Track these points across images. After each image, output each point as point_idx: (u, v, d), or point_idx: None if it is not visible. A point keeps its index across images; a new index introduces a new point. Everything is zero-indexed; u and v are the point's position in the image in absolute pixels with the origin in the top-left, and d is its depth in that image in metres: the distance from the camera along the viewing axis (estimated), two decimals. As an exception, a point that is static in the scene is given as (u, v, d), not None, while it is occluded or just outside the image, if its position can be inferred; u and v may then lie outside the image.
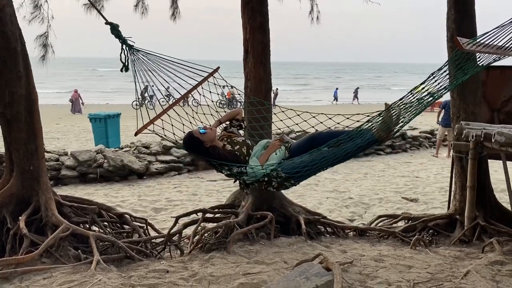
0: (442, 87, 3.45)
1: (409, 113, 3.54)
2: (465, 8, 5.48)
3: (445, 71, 3.42)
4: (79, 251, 4.46)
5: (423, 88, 3.48)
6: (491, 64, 3.77)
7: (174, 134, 4.06)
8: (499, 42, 3.39)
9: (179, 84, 4.27)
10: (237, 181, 4.00)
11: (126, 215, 5.58)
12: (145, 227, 5.60)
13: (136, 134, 4.05)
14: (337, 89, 41.35)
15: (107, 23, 4.24)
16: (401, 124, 3.58)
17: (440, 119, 12.53)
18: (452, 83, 3.70)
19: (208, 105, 4.25)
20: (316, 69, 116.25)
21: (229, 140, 3.97)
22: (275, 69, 6.34)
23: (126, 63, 4.23)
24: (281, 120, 4.26)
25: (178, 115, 4.10)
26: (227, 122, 4.19)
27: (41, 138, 4.94)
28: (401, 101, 3.57)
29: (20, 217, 4.56)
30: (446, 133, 12.47)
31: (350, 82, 63.55)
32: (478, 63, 3.69)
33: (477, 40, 3.39)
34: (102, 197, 8.12)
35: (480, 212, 5.41)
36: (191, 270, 4.12)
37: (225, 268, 4.19)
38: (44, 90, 33.86)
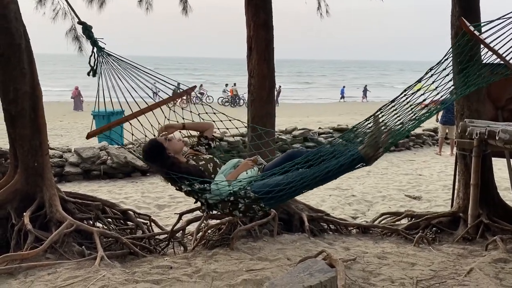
0: (442, 98, 3.26)
1: (401, 128, 3.20)
2: (469, 5, 5.45)
3: (444, 69, 3.23)
4: (83, 247, 4.48)
5: (419, 89, 3.21)
6: (495, 62, 3.73)
7: (132, 143, 3.85)
8: (503, 44, 3.33)
9: (147, 94, 3.85)
10: (198, 202, 3.59)
11: (130, 212, 5.61)
12: (148, 223, 5.63)
13: (88, 137, 3.77)
14: (344, 87, 41.44)
15: (79, 22, 4.04)
16: (391, 139, 3.23)
17: (439, 117, 12.55)
18: (456, 95, 3.55)
19: (198, 113, 3.98)
20: (320, 67, 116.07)
21: (194, 157, 3.63)
22: (278, 67, 6.32)
23: (95, 67, 3.94)
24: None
25: (142, 125, 3.81)
26: (195, 140, 3.84)
27: (45, 134, 4.96)
28: (392, 105, 3.21)
29: (24, 213, 4.58)
30: (447, 130, 12.47)
31: (355, 80, 63.36)
32: (480, 72, 3.53)
33: (482, 31, 3.33)
34: (105, 193, 8.15)
35: (483, 210, 5.40)
36: (195, 266, 4.13)
37: (229, 264, 4.20)
38: (48, 88, 33.91)
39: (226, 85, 33.66)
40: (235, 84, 33.10)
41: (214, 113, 4.03)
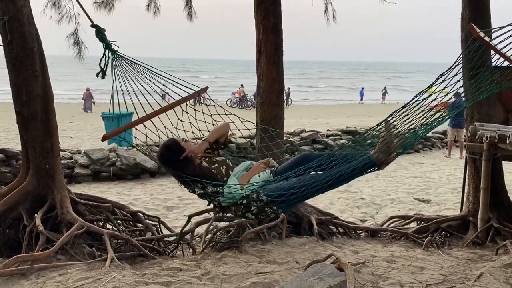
0: (454, 107, 3.25)
1: (413, 135, 3.21)
2: (480, 8, 5.43)
3: (455, 75, 3.22)
4: (94, 248, 4.53)
5: (430, 94, 3.20)
6: (505, 65, 3.71)
7: (147, 145, 3.82)
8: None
9: (161, 96, 3.97)
10: (211, 204, 3.60)
11: (139, 213, 5.65)
12: (157, 225, 5.66)
13: (103, 139, 3.80)
14: (362, 88, 41.47)
15: (93, 25, 4.05)
16: (403, 145, 3.23)
17: (448, 120, 12.50)
18: (468, 102, 3.55)
19: (210, 114, 3.97)
20: (331, 68, 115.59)
21: (207, 159, 3.63)
22: (289, 68, 6.34)
23: (105, 69, 3.98)
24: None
25: (155, 126, 3.77)
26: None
27: (56, 136, 5.02)
28: (404, 111, 3.22)
29: (36, 215, 4.64)
30: (456, 133, 12.43)
31: (368, 83, 62.88)
32: (492, 78, 3.51)
33: (492, 37, 3.33)
34: (115, 195, 8.21)
35: (493, 213, 5.36)
36: (204, 269, 4.15)
37: (237, 267, 4.22)
38: (57, 90, 34.21)
39: (242, 85, 33.63)
40: (242, 86, 33.18)
41: (226, 115, 4.04)
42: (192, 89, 4.03)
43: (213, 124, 4.01)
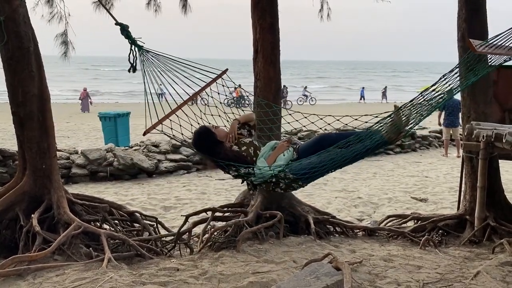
0: (453, 87, 3.45)
1: (419, 114, 3.51)
2: (476, 7, 5.44)
3: (456, 73, 3.43)
4: (91, 248, 4.51)
5: (433, 90, 3.46)
6: (503, 64, 3.76)
7: (182, 134, 4.08)
8: (511, 44, 3.37)
9: (187, 85, 4.26)
10: (245, 182, 3.99)
11: (137, 213, 5.64)
12: (155, 225, 5.65)
13: (144, 134, 4.07)
14: (363, 88, 41.52)
15: (117, 23, 4.22)
16: (411, 125, 3.55)
17: (441, 121, 12.61)
18: (462, 84, 3.68)
19: (216, 106, 4.21)
20: (328, 68, 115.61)
21: (236, 141, 3.95)
22: (286, 68, 6.37)
23: (134, 64, 4.23)
24: (288, 122, 4.28)
25: (187, 115, 4.11)
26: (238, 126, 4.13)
27: (53, 136, 5.00)
28: (411, 103, 3.54)
29: (32, 215, 4.62)
30: (451, 132, 12.49)
31: (367, 82, 62.90)
32: (489, 63, 3.69)
33: (489, 42, 3.38)
34: (112, 195, 8.19)
35: (490, 212, 5.38)
36: (201, 269, 4.15)
37: (235, 266, 4.22)
38: (54, 90, 34.17)
39: (240, 85, 33.66)
40: (240, 86, 33.21)
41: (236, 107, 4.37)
42: (214, 73, 4.26)
43: (209, 122, 4.17)
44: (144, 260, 4.53)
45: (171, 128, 4.02)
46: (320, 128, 4.22)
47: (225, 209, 5.75)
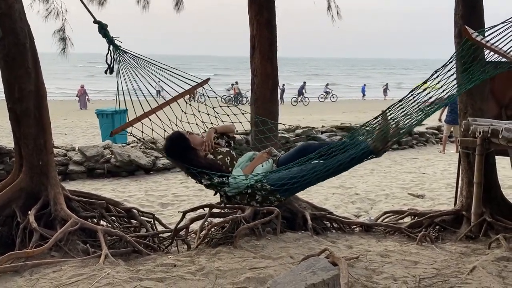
0: (447, 95, 3.35)
1: (408, 122, 3.30)
2: (473, 3, 5.44)
3: (449, 70, 3.31)
4: (88, 245, 4.51)
5: (425, 89, 3.31)
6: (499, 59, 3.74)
7: (153, 138, 3.95)
8: (506, 42, 3.34)
9: (165, 90, 4.11)
10: (217, 194, 3.72)
11: (134, 210, 5.64)
12: (152, 221, 5.65)
13: (111, 135, 3.94)
14: (364, 85, 41.49)
15: (95, 21, 4.13)
16: (399, 134, 3.35)
17: (444, 116, 12.57)
18: (459, 89, 3.60)
19: (212, 106, 4.11)
20: (328, 65, 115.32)
21: (212, 150, 3.76)
22: (286, 65, 6.34)
23: (112, 65, 4.06)
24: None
25: (161, 120, 3.91)
26: (216, 135, 3.92)
27: (49, 133, 5.00)
28: (400, 104, 3.32)
29: (29, 212, 4.62)
30: (451, 129, 12.48)
31: (366, 79, 62.76)
32: (484, 68, 3.58)
33: (486, 35, 3.36)
34: (109, 192, 8.19)
35: (486, 208, 5.40)
36: (198, 265, 4.16)
37: (232, 262, 4.23)
38: (51, 86, 34.08)
39: (236, 82, 33.67)
40: (237, 83, 33.20)
41: (228, 106, 4.17)
42: (195, 81, 4.11)
43: (215, 117, 4.12)
44: (141, 256, 4.54)
45: (142, 131, 3.86)
46: (323, 126, 4.18)
47: (222, 205, 5.76)
